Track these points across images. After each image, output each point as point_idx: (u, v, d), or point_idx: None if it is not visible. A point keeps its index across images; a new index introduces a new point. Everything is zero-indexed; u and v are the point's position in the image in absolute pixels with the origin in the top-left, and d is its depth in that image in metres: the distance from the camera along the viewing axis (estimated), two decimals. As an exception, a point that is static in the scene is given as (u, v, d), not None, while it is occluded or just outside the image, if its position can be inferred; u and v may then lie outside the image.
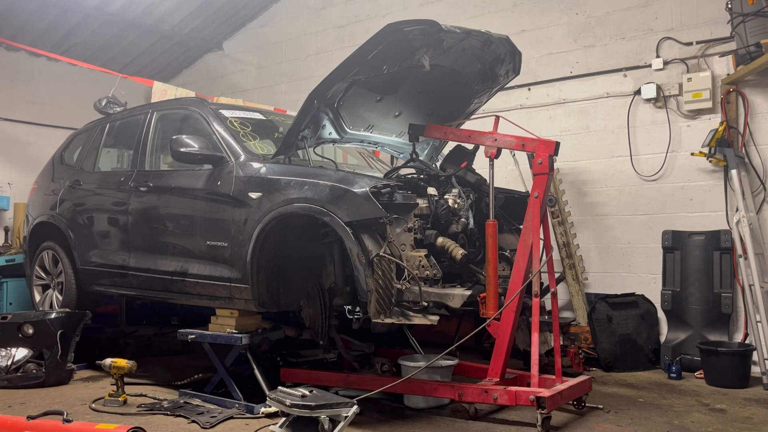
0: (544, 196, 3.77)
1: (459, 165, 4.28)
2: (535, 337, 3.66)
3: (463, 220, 3.93)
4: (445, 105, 4.48)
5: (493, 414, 3.90)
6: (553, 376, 3.89)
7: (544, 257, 3.87)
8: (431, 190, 3.93)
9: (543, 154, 3.76)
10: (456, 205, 3.91)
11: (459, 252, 3.70)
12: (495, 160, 3.93)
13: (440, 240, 3.74)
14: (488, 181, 3.96)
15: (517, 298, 3.70)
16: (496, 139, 3.93)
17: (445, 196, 3.93)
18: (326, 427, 3.14)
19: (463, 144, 4.39)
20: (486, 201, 4.09)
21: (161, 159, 5.15)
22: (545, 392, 3.47)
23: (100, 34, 7.88)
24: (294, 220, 3.87)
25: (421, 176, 4.17)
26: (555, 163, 4.05)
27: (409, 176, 4.21)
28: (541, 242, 3.85)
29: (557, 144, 3.78)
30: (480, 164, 4.33)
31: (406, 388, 4.00)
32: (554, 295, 3.97)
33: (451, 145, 4.93)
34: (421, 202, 3.79)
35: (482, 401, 3.66)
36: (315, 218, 3.71)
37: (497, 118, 4.09)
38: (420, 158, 4.61)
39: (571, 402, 3.87)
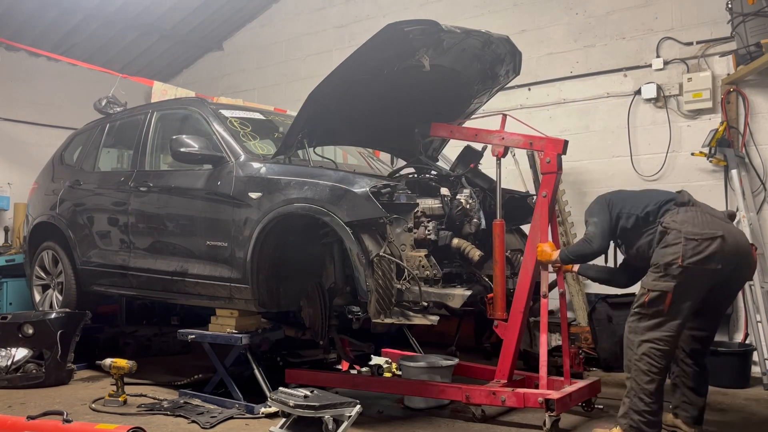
0: (552, 195, 3.75)
1: (468, 165, 4.28)
2: (543, 338, 3.63)
3: (475, 220, 3.92)
4: (445, 105, 4.47)
5: (495, 416, 3.89)
6: (562, 378, 3.88)
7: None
8: (444, 191, 3.93)
9: (551, 153, 3.74)
10: (468, 206, 3.91)
11: (476, 253, 3.69)
12: (502, 159, 3.92)
13: (456, 241, 3.73)
14: (495, 180, 3.94)
15: (525, 298, 3.68)
16: (503, 138, 3.91)
17: (458, 197, 3.92)
18: (330, 427, 3.15)
19: (472, 144, 4.38)
20: (490, 201, 4.09)
21: (161, 159, 5.15)
22: (554, 394, 3.45)
23: (100, 34, 7.88)
24: (294, 220, 3.87)
25: (434, 176, 4.17)
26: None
27: (422, 176, 4.20)
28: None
29: (566, 142, 3.76)
30: (484, 163, 4.33)
31: (411, 390, 3.99)
32: (562, 296, 3.96)
33: (451, 146, 4.94)
34: (434, 203, 3.78)
35: (490, 403, 3.63)
36: (315, 218, 3.71)
37: (504, 116, 4.08)
38: (422, 158, 4.61)
39: (580, 404, 3.86)
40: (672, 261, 3.11)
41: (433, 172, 4.38)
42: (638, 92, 5.70)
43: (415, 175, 4.35)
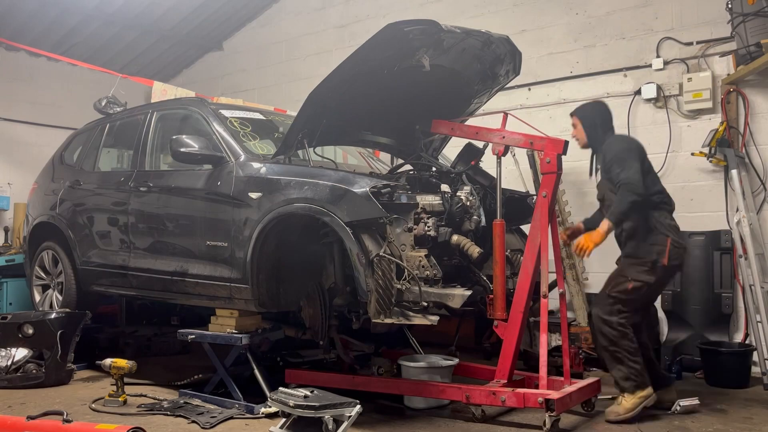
0: (552, 195, 3.75)
1: (469, 163, 4.28)
2: (543, 338, 3.62)
3: (475, 217, 3.91)
4: (445, 105, 4.47)
5: (495, 416, 3.89)
6: (562, 378, 3.87)
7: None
8: (444, 188, 3.92)
9: (551, 153, 3.73)
10: (468, 203, 3.90)
11: (475, 250, 3.68)
12: (503, 158, 3.92)
13: (455, 238, 3.72)
14: (496, 179, 3.94)
15: (525, 298, 3.68)
16: (504, 137, 3.91)
17: (458, 194, 3.92)
18: (330, 427, 3.15)
19: (473, 142, 4.38)
20: (490, 199, 4.08)
21: (161, 159, 5.15)
22: (554, 394, 3.45)
23: (100, 34, 7.88)
24: (294, 220, 3.87)
25: (434, 173, 4.16)
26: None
27: (422, 173, 4.20)
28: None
29: (566, 143, 3.76)
30: (485, 162, 4.33)
31: (411, 390, 3.99)
32: (563, 296, 3.96)
33: (451, 146, 4.93)
34: (434, 199, 3.77)
35: (490, 403, 3.63)
36: (315, 218, 3.71)
37: (505, 115, 4.08)
38: (423, 155, 4.61)
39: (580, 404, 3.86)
40: (658, 259, 3.78)
41: (433, 169, 4.38)
42: (638, 92, 5.69)
43: (415, 172, 4.35)
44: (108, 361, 4.25)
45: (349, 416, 3.22)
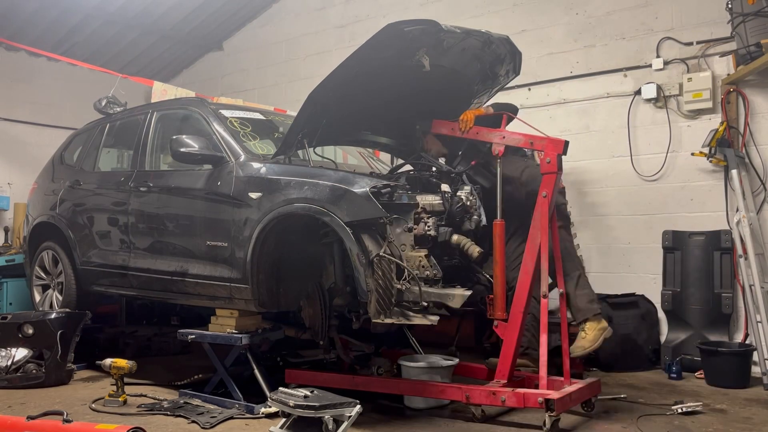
0: (552, 196, 3.74)
1: (470, 163, 4.28)
2: (543, 338, 3.62)
3: (475, 217, 3.91)
4: (446, 105, 4.47)
5: (495, 416, 3.89)
6: (561, 378, 3.87)
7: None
8: (445, 187, 3.93)
9: (551, 153, 3.73)
10: (469, 203, 3.90)
11: (476, 250, 3.68)
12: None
13: (455, 237, 3.72)
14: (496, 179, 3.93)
15: (525, 298, 3.68)
16: (504, 137, 3.91)
17: (458, 193, 3.92)
18: (330, 427, 3.15)
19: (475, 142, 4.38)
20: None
21: (161, 159, 5.15)
22: (554, 394, 3.45)
23: (100, 34, 7.89)
24: (294, 221, 3.87)
25: (434, 173, 4.17)
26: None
27: (422, 173, 4.21)
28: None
29: (566, 143, 3.76)
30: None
31: (411, 390, 3.99)
32: (563, 296, 3.96)
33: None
34: (434, 199, 3.78)
35: (490, 403, 3.62)
36: (315, 218, 3.71)
37: (505, 115, 4.08)
38: (423, 155, 4.60)
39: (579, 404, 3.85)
40: None
41: (433, 169, 4.37)
42: (638, 92, 5.70)
43: (415, 172, 4.34)
44: (108, 361, 4.25)
45: (349, 416, 3.22)
